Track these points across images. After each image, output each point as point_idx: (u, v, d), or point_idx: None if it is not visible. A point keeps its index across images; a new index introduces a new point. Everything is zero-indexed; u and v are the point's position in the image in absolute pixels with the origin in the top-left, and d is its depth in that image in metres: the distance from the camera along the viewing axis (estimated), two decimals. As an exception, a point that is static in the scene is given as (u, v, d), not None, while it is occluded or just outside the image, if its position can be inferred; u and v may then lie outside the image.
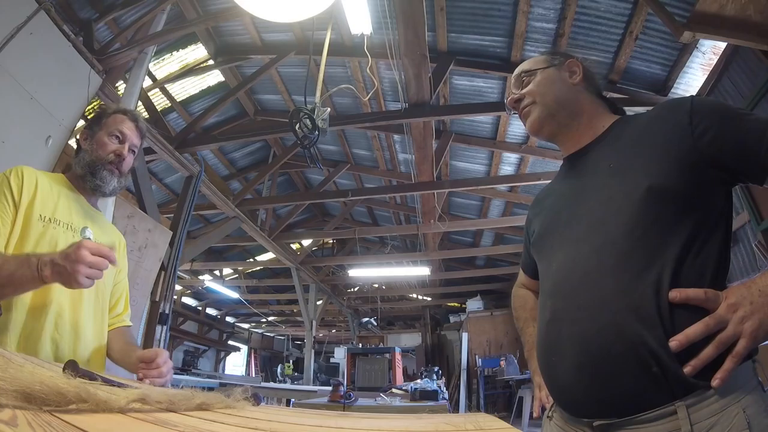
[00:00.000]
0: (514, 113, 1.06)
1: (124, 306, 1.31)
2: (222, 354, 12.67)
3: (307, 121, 2.30)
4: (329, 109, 2.38)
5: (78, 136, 1.23)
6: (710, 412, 0.66)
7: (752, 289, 0.69)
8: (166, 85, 4.54)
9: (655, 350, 0.69)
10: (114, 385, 0.61)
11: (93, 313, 1.13)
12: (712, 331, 0.67)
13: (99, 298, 1.15)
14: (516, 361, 7.39)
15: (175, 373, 1.21)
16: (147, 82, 4.05)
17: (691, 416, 0.66)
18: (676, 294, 0.70)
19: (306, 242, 8.84)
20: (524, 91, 1.02)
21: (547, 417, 0.94)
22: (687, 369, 0.67)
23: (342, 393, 3.17)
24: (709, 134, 0.77)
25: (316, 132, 2.32)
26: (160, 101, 4.67)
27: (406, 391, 3.77)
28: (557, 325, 0.82)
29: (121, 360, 1.16)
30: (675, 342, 0.67)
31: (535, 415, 1.01)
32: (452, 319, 11.47)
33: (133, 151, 1.23)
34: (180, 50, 4.28)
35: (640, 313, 0.71)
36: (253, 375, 13.50)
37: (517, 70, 1.06)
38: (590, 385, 0.75)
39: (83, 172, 1.16)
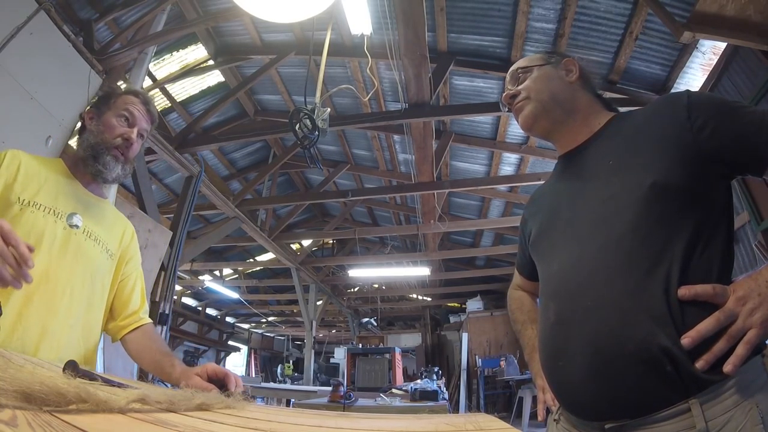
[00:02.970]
0: (509, 110, 1.05)
1: (140, 300, 1.18)
2: (222, 354, 12.67)
3: (307, 122, 2.30)
4: (329, 110, 2.38)
5: (83, 114, 1.13)
6: (724, 408, 0.66)
7: (759, 281, 0.69)
8: (166, 86, 4.54)
9: (668, 348, 0.68)
10: (114, 385, 0.61)
11: (69, 309, 0.99)
12: (722, 325, 0.67)
13: (79, 293, 1.02)
14: (516, 361, 7.39)
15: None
16: (147, 82, 4.05)
17: (705, 413, 0.66)
18: (685, 291, 0.70)
19: (306, 242, 8.84)
20: (520, 87, 1.01)
21: (554, 420, 0.92)
22: (700, 363, 0.67)
23: (342, 393, 3.17)
24: (708, 128, 0.76)
25: (316, 132, 2.32)
26: (160, 101, 4.67)
27: (406, 391, 3.77)
28: (564, 327, 0.81)
29: (159, 371, 1.05)
30: (687, 339, 0.67)
31: (539, 418, 1.00)
32: (452, 319, 11.46)
33: (142, 136, 1.13)
34: (180, 50, 4.28)
35: (650, 312, 0.71)
36: (253, 375, 13.49)
37: (513, 67, 1.06)
38: (602, 386, 0.74)
39: (85, 155, 1.06)
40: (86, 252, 1.05)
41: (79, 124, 1.14)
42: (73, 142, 2.99)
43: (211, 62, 4.46)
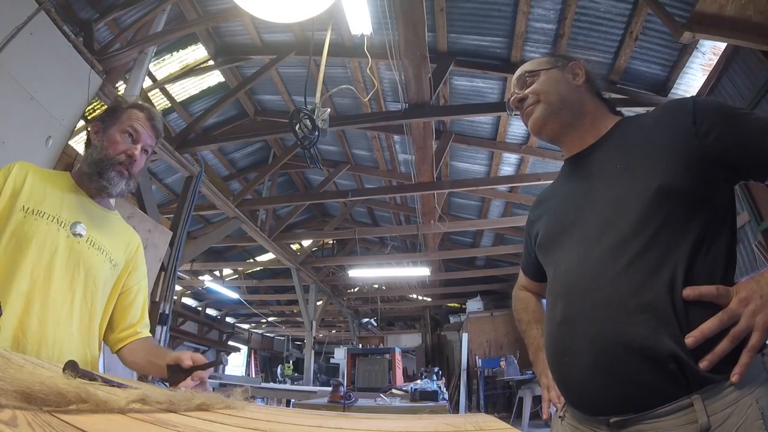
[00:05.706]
0: (516, 113, 1.06)
1: (140, 314, 1.17)
2: (222, 354, 12.64)
3: (307, 122, 2.30)
4: (329, 110, 2.39)
5: (89, 128, 1.14)
6: (725, 403, 0.68)
7: (761, 283, 0.71)
8: (166, 86, 4.55)
9: (672, 347, 0.70)
10: (114, 385, 0.61)
11: (70, 317, 1.00)
12: (725, 326, 0.69)
13: (81, 300, 1.03)
14: (516, 361, 7.38)
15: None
16: (147, 82, 4.05)
17: (707, 408, 0.68)
18: (690, 291, 0.72)
19: (306, 243, 8.83)
20: (528, 90, 1.01)
21: (559, 417, 0.94)
22: (703, 364, 0.69)
23: (342, 393, 3.17)
24: (713, 134, 0.78)
25: (316, 132, 2.32)
26: (160, 102, 4.67)
27: (406, 391, 3.77)
28: (570, 326, 0.83)
29: (151, 364, 1.06)
30: (691, 338, 0.69)
31: (544, 416, 1.01)
32: (452, 319, 11.46)
33: (146, 152, 1.15)
34: (180, 51, 4.28)
35: (655, 312, 0.73)
36: (253, 375, 13.48)
37: (519, 71, 1.06)
38: (607, 383, 0.76)
39: (90, 171, 1.07)
40: (89, 260, 1.05)
41: (85, 137, 1.16)
42: (73, 143, 2.99)
43: (211, 62, 4.46)
